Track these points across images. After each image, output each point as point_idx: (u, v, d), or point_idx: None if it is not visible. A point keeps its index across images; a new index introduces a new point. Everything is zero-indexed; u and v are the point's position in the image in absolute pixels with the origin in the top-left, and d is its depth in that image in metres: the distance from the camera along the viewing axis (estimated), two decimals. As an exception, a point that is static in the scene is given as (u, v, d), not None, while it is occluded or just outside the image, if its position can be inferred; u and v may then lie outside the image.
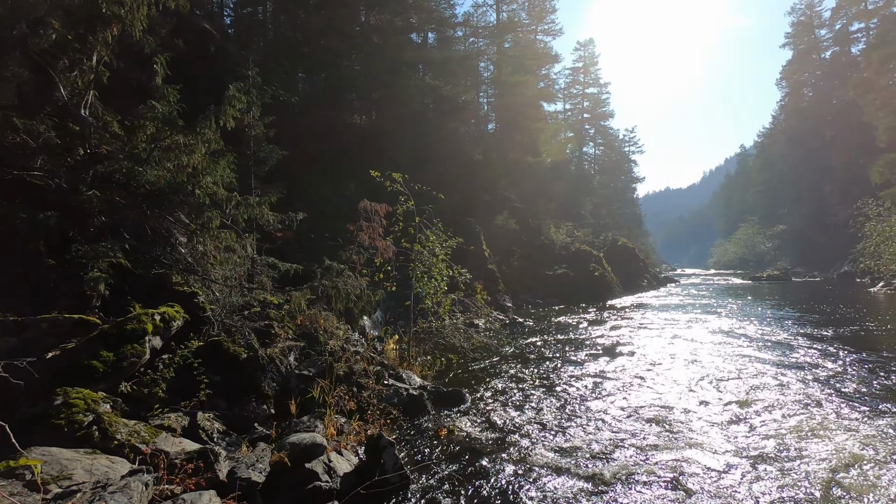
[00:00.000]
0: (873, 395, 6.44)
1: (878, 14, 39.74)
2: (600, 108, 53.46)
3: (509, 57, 35.91)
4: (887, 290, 22.69)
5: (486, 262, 20.26)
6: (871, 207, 24.97)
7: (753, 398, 6.51)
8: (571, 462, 4.65)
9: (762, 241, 62.06)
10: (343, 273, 8.27)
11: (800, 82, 60.32)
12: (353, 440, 4.98)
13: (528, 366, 8.79)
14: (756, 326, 12.90)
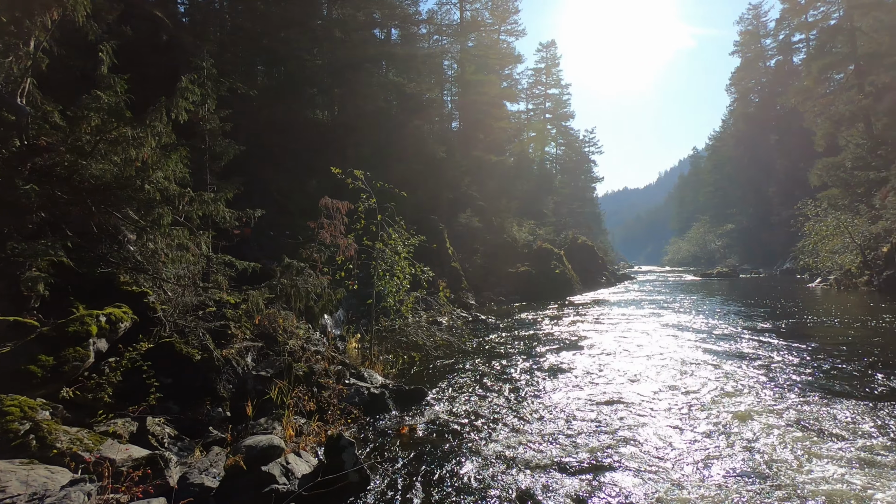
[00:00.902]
0: (804, 383, 6.87)
1: (816, 26, 42.25)
2: (562, 108, 54.53)
3: (473, 56, 36.07)
4: (823, 286, 24.25)
5: (450, 259, 20.33)
6: (809, 208, 26.57)
7: (699, 386, 6.86)
8: (531, 454, 4.74)
9: (713, 240, 65.08)
10: (303, 271, 8.11)
11: (747, 88, 63.51)
12: (312, 441, 4.90)
13: (489, 361, 8.90)
14: (704, 320, 13.56)
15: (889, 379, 6.97)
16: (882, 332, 10.62)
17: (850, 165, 28.75)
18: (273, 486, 3.81)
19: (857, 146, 28.56)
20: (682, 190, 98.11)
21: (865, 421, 5.36)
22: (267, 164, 16.50)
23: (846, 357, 8.41)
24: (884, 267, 20.18)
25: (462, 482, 4.25)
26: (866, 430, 5.12)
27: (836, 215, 24.88)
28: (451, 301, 16.66)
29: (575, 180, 58.31)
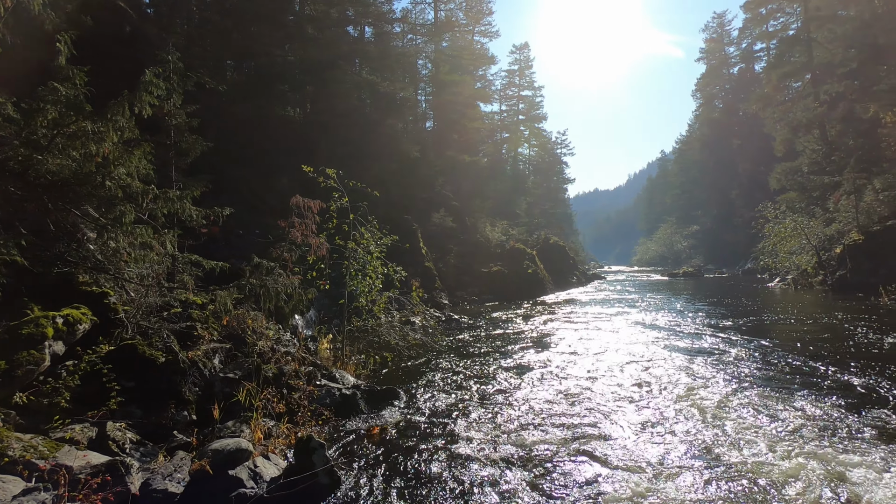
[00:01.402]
0: (762, 377, 7.20)
1: (776, 36, 44.04)
2: (535, 110, 55.16)
3: (447, 56, 36.15)
4: (782, 285, 25.30)
5: (423, 259, 20.31)
6: (769, 210, 27.69)
7: (662, 380, 7.14)
8: (503, 451, 4.79)
9: (679, 241, 66.99)
10: (274, 271, 7.97)
11: (712, 94, 65.70)
12: (281, 443, 4.83)
13: (462, 360, 8.94)
14: (670, 318, 14.01)
15: (834, 372, 7.37)
16: (831, 329, 11.17)
17: (806, 170, 30.09)
18: (240, 490, 3.74)
19: (813, 152, 29.91)
20: (651, 192, 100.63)
21: (814, 410, 5.65)
22: (236, 162, 16.14)
23: (798, 353, 8.83)
24: (836, 267, 21.19)
25: (434, 481, 4.26)
26: (815, 418, 5.39)
27: (793, 217, 26.00)
28: (424, 301, 16.65)
29: (547, 181, 59.09)
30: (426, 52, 36.53)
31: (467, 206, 30.63)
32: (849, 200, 23.67)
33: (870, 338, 9.97)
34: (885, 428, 5.17)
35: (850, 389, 6.59)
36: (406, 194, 23.36)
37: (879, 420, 5.41)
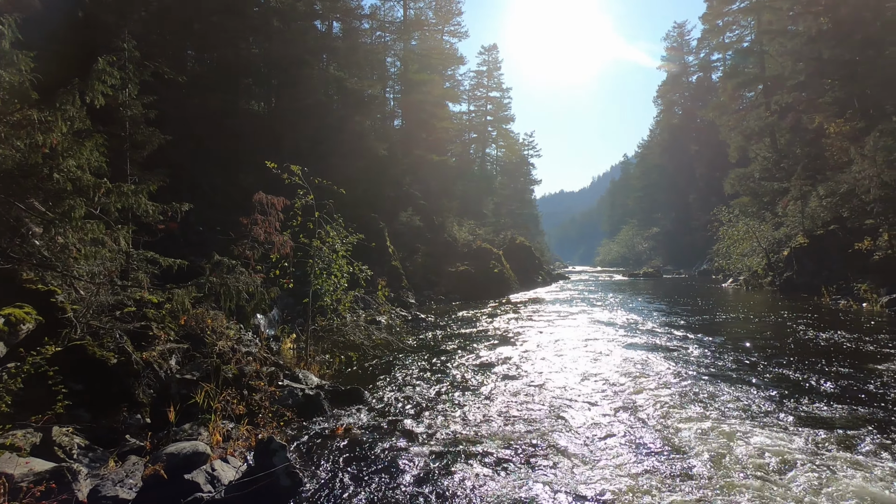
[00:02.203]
0: (708, 371, 7.56)
1: (732, 47, 46.13)
2: (502, 111, 55.70)
3: (416, 55, 36.07)
4: (734, 286, 26.50)
5: (390, 258, 20.21)
6: (723, 214, 28.96)
7: (619, 374, 7.42)
8: (467, 448, 4.83)
9: (640, 242, 69.18)
10: (235, 269, 7.76)
11: (672, 101, 68.10)
12: (241, 446, 4.72)
13: (428, 359, 8.96)
14: (629, 316, 14.50)
15: (773, 366, 7.89)
16: (775, 327, 11.82)
17: (758, 176, 31.59)
18: (197, 494, 3.64)
19: (764, 159, 31.44)
20: (614, 194, 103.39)
21: (748, 399, 6.00)
22: (197, 156, 15.62)
23: (743, 349, 9.37)
24: (784, 269, 22.37)
25: (398, 480, 4.26)
26: (760, 407, 5.69)
27: (745, 221, 27.28)
28: (390, 300, 16.57)
29: (514, 182, 59.81)
30: (395, 51, 36.35)
31: (435, 206, 30.66)
32: (795, 206, 25.02)
33: (808, 335, 10.62)
34: (808, 414, 5.66)
35: (784, 381, 7.11)
36: (373, 193, 23.19)
37: (804, 407, 5.91)
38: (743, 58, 39.50)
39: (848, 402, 6.07)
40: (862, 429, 5.21)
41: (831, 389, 6.66)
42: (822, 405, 6.02)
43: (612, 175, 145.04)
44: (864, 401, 6.14)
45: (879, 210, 18.12)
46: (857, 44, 22.57)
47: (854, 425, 5.32)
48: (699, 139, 58.49)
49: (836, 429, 5.22)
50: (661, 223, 65.65)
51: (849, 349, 9.10)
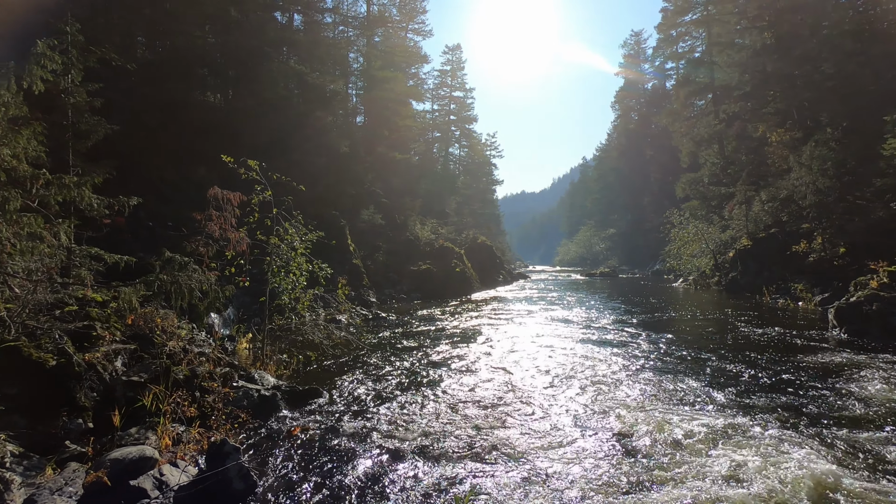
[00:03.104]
0: (653, 364, 7.95)
1: (685, 57, 48.11)
2: (465, 111, 56.03)
3: (379, 51, 35.74)
4: (684, 285, 27.73)
5: (352, 256, 19.98)
6: (675, 217, 30.25)
7: (573, 369, 7.69)
8: (426, 446, 4.86)
9: (598, 243, 71.26)
10: (187, 266, 7.47)
11: (628, 107, 70.44)
12: (192, 449, 4.57)
13: (387, 358, 8.93)
14: (585, 314, 14.99)
15: (714, 359, 8.42)
16: (719, 324, 12.51)
17: (707, 181, 33.15)
18: (143, 500, 3.50)
19: (713, 164, 33.01)
20: (573, 196, 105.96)
21: (687, 388, 6.37)
22: (147, 148, 14.90)
23: (688, 344, 9.89)
24: (729, 269, 23.60)
25: (355, 480, 4.24)
26: (696, 395, 6.03)
27: (695, 224, 28.60)
28: (351, 299, 16.39)
29: (477, 182, 60.31)
30: (358, 46, 35.88)
31: (397, 204, 30.53)
32: (740, 210, 26.44)
33: (746, 331, 11.31)
34: (733, 401, 6.23)
35: (719, 372, 7.72)
36: (334, 190, 22.84)
37: (731, 395, 6.47)
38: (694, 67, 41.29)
39: (771, 390, 6.59)
40: (777, 411, 5.74)
41: (760, 379, 7.22)
42: (749, 392, 6.57)
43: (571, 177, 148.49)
44: (785, 389, 6.72)
45: (814, 215, 19.41)
46: (796, 59, 24.06)
47: (771, 409, 5.89)
48: (654, 144, 60.78)
49: (757, 413, 5.75)
50: (618, 224, 67.82)
51: (780, 344, 9.78)
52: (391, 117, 34.52)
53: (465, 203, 50.52)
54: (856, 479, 4.09)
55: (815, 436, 5.05)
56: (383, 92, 33.13)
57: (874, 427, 5.30)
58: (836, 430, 5.21)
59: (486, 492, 4.03)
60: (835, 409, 5.88)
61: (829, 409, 5.89)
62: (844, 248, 16.79)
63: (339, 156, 25.68)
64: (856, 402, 6.10)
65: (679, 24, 45.77)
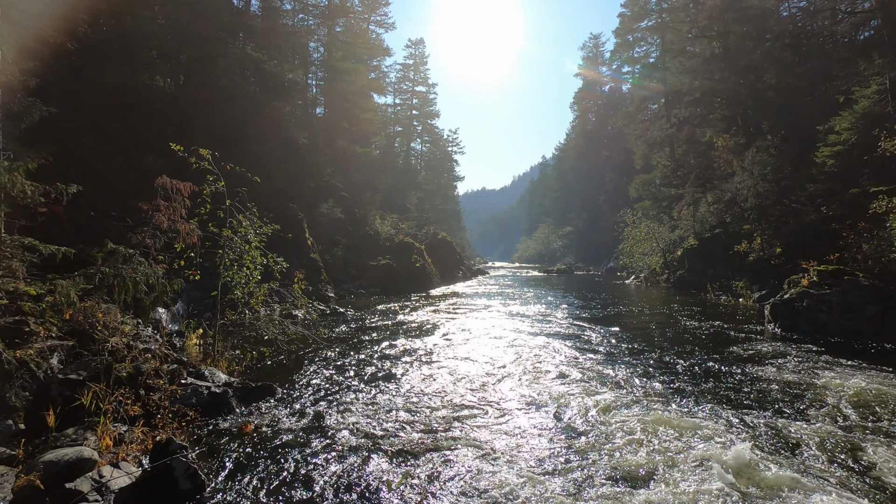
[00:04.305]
0: (601, 355, 8.28)
1: (640, 62, 49.86)
2: (428, 106, 55.89)
3: (341, 42, 35.06)
4: (636, 282, 28.83)
5: (309, 250, 19.60)
6: (628, 216, 31.39)
7: (526, 361, 7.94)
8: (379, 442, 4.87)
9: (555, 240, 72.88)
10: (132, 259, 7.15)
11: (586, 108, 72.26)
12: (136, 449, 4.39)
13: (344, 354, 8.85)
14: (541, 309, 15.37)
15: (655, 350, 8.84)
16: (665, 318, 13.14)
17: (658, 182, 34.54)
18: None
19: (664, 167, 34.42)
20: (532, 194, 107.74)
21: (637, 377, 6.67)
22: (90, 133, 14.06)
23: (635, 337, 10.35)
24: (677, 267, 24.73)
25: (308, 479, 4.20)
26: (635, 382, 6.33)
27: (647, 223, 29.76)
28: (308, 294, 16.09)
29: (438, 178, 60.34)
30: (318, 36, 35.03)
31: (357, 198, 30.15)
32: (688, 210, 27.73)
33: (688, 325, 11.97)
34: (671, 386, 6.62)
35: (657, 361, 8.23)
36: (292, 182, 22.33)
37: (668, 382, 6.78)
38: (649, 72, 42.87)
39: (702, 378, 7.05)
40: (703, 395, 6.16)
41: (693, 368, 7.80)
42: (681, 379, 7.09)
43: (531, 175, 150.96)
44: (715, 376, 7.26)
45: (754, 217, 20.62)
46: (741, 68, 25.39)
47: (698, 393, 6.34)
48: (610, 145, 62.64)
49: (684, 395, 6.29)
50: (575, 223, 69.59)
51: (718, 337, 10.40)
52: (352, 110, 33.98)
53: (427, 199, 50.46)
54: (765, 454, 4.49)
55: (735, 416, 5.56)
56: (344, 84, 32.56)
57: (787, 408, 5.87)
58: (755, 411, 5.78)
59: (417, 475, 4.11)
60: (756, 394, 6.44)
61: (750, 394, 6.45)
62: (780, 249, 17.93)
63: (298, 147, 25.06)
64: (774, 388, 6.68)
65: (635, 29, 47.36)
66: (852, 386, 6.57)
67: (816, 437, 4.94)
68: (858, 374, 7.19)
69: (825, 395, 6.26)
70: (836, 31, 24.15)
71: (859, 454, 4.58)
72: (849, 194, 15.58)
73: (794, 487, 3.93)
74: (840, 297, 10.64)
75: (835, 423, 5.32)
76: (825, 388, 6.56)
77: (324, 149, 29.27)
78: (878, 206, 11.94)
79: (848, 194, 15.64)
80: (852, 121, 16.54)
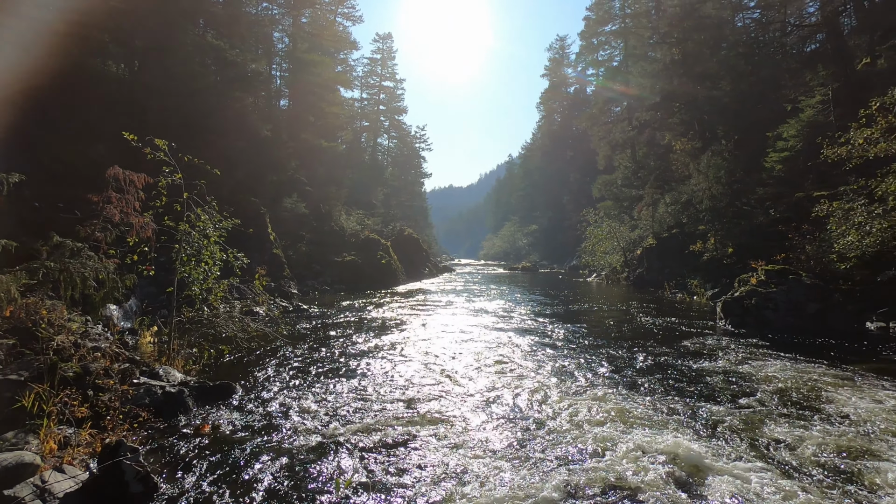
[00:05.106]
0: (563, 351, 8.51)
1: (605, 65, 51.10)
2: (395, 102, 55.51)
3: (306, 33, 34.31)
4: (597, 280, 29.60)
5: (272, 246, 19.17)
6: (591, 215, 32.18)
7: (487, 354, 8.20)
8: (339, 439, 4.82)
9: (520, 238, 73.90)
10: (81, 253, 6.81)
11: (552, 109, 73.48)
12: (83, 452, 4.19)
13: (307, 350, 8.73)
14: (505, 305, 15.66)
15: (611, 344, 9.17)
16: (623, 314, 13.60)
17: (620, 183, 35.58)
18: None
19: (625, 168, 35.50)
20: (499, 192, 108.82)
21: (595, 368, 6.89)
22: (33, 120, 13.26)
23: (595, 332, 10.68)
24: (637, 266, 25.55)
25: (266, 478, 4.12)
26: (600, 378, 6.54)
27: (608, 223, 30.57)
28: (270, 290, 15.75)
29: (405, 174, 60.09)
30: (283, 26, 34.17)
31: (322, 193, 29.66)
32: (648, 211, 28.68)
33: (645, 321, 12.44)
34: (623, 378, 6.92)
35: (614, 355, 8.60)
36: (255, 176, 21.75)
37: (621, 374, 7.21)
38: (612, 75, 44.00)
39: (653, 370, 7.39)
40: (656, 386, 6.51)
41: (646, 360, 8.20)
42: (633, 371, 7.53)
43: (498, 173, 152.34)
44: (664, 369, 7.66)
45: (709, 218, 21.54)
46: (698, 75, 26.44)
47: (648, 384, 6.70)
48: (574, 146, 64.00)
49: (634, 387, 6.54)
50: (540, 221, 70.73)
51: (672, 332, 10.86)
52: (317, 103, 33.35)
53: (393, 195, 50.17)
54: (696, 436, 4.77)
55: (676, 404, 5.97)
56: (310, 76, 31.90)
57: (721, 396, 6.33)
58: (694, 399, 6.19)
59: (378, 470, 4.12)
60: (698, 384, 6.85)
61: (693, 384, 6.87)
62: (732, 249, 18.81)
63: (261, 140, 24.42)
64: (716, 379, 7.10)
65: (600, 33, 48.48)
66: (784, 376, 7.10)
67: (741, 420, 5.41)
68: (792, 365, 7.71)
69: (758, 385, 6.75)
70: (785, 42, 25.49)
71: (772, 432, 5.07)
72: (794, 198, 16.52)
73: (714, 462, 4.36)
74: (785, 295, 11.26)
75: (761, 407, 5.84)
76: (760, 378, 7.04)
77: (288, 142, 28.63)
78: (820, 210, 12.68)
79: (794, 198, 16.58)
80: (798, 128, 17.53)
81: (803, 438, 4.87)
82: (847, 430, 5.07)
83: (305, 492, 3.90)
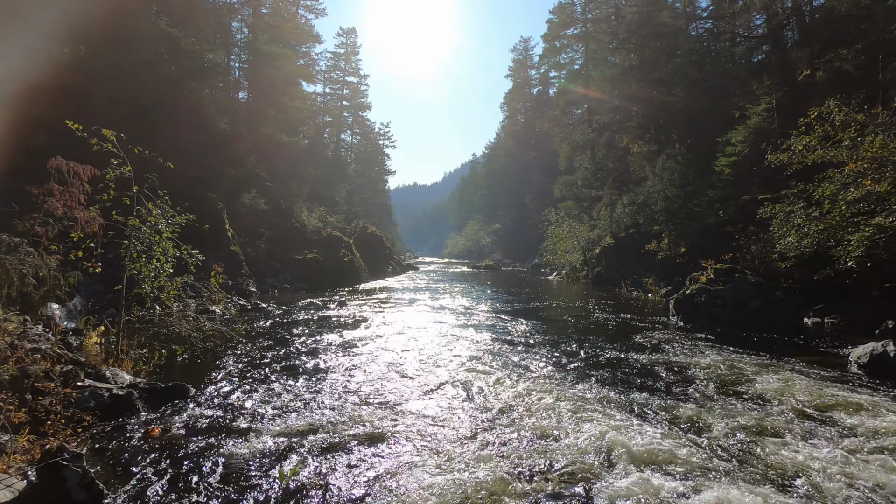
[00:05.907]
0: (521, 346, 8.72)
1: (566, 68, 52.20)
2: (359, 98, 54.85)
3: (267, 24, 33.37)
4: (558, 278, 30.26)
5: (230, 243, 18.58)
6: (552, 215, 32.84)
7: (447, 350, 8.48)
8: (294, 439, 4.75)
9: (484, 237, 74.57)
10: (19, 248, 6.41)
11: (515, 109, 74.38)
12: (20, 460, 3.95)
13: (264, 350, 8.53)
14: (468, 302, 15.91)
15: (567, 339, 9.40)
16: (580, 311, 14.06)
17: (580, 183, 36.41)
18: (-48, 521, 2.97)
19: (585, 169, 36.35)
20: (463, 191, 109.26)
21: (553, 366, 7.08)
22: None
23: (553, 328, 11.00)
24: (595, 265, 26.28)
25: (216, 481, 4.00)
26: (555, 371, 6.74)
27: (569, 222, 31.29)
28: (228, 288, 15.26)
29: (369, 171, 59.51)
30: (242, 16, 33.08)
31: (283, 189, 28.99)
32: (606, 211, 29.53)
33: (601, 318, 12.93)
34: (585, 372, 7.13)
35: (568, 349, 8.97)
36: (211, 170, 20.98)
37: (579, 368, 7.27)
38: (574, 78, 44.99)
39: (604, 364, 7.69)
40: (606, 378, 6.80)
41: (598, 354, 8.55)
42: (587, 364, 7.78)
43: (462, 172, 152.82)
44: (615, 361, 8.00)
45: (663, 219, 22.40)
46: (655, 81, 27.43)
47: (598, 376, 7.04)
48: (537, 146, 65.02)
49: (584, 378, 6.75)
50: (503, 220, 71.51)
51: (626, 328, 11.33)
52: (278, 97, 32.50)
53: (356, 192, 49.58)
54: (642, 422, 5.03)
55: (623, 394, 6.32)
56: (270, 69, 31.04)
57: (661, 385, 6.76)
58: (640, 390, 6.50)
59: (333, 468, 4.10)
60: (646, 375, 7.23)
61: (641, 375, 7.23)
62: (685, 248, 19.65)
63: (218, 133, 23.60)
64: (663, 370, 7.50)
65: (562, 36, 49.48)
66: (723, 366, 7.62)
67: (680, 408, 5.79)
68: (733, 357, 8.26)
69: (699, 374, 7.26)
70: (734, 52, 26.78)
71: (707, 419, 5.45)
72: (741, 200, 17.40)
73: (653, 446, 4.62)
74: (731, 292, 11.87)
75: (699, 395, 6.29)
76: (701, 369, 7.56)
77: (247, 136, 27.81)
78: (764, 212, 13.42)
79: (741, 200, 17.47)
80: (745, 135, 18.47)
81: (719, 416, 5.47)
82: (754, 409, 5.78)
83: (257, 495, 3.81)
